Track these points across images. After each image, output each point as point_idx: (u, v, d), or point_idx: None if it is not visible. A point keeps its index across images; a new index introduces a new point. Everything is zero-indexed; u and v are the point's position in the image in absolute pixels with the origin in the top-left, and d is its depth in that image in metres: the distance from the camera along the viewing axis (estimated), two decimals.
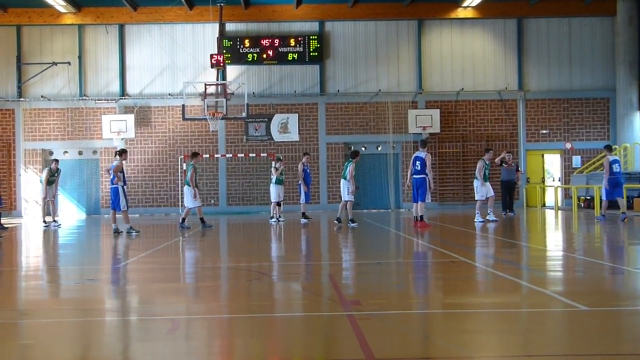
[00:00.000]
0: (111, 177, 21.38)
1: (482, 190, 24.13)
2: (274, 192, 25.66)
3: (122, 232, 20.86)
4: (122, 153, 21.70)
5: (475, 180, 24.41)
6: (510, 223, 23.70)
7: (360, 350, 6.42)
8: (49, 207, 26.28)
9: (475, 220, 23.52)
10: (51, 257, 16.47)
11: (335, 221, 23.08)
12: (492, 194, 24.28)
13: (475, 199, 24.32)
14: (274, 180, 25.68)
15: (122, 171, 21.42)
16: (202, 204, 24.20)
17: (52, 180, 26.13)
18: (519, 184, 29.20)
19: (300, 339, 7.25)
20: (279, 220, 25.30)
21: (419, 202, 21.45)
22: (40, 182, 26.65)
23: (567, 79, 34.85)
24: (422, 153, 21.60)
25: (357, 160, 23.13)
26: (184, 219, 23.29)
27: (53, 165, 26.33)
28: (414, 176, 21.62)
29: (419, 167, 21.44)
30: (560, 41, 34.92)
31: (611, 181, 23.24)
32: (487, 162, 24.48)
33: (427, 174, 21.37)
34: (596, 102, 34.81)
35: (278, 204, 25.74)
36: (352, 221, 22.55)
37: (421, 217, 21.33)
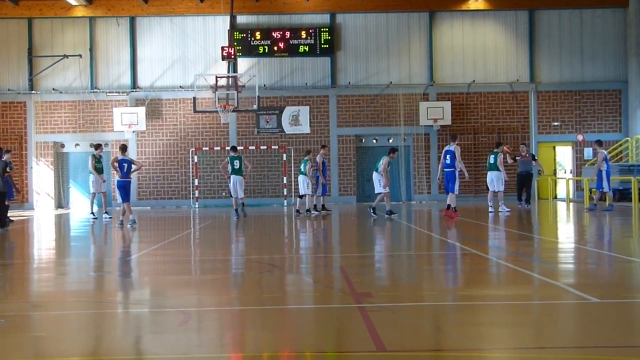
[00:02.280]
0: (126, 170, 21.16)
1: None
2: (303, 183, 25.53)
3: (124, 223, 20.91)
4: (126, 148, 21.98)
5: (499, 173, 25.03)
6: (522, 215, 23.67)
7: (372, 342, 6.43)
8: (100, 199, 25.58)
9: (500, 210, 24.14)
10: (59, 249, 16.52)
11: (369, 209, 23.19)
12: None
13: (500, 189, 25.07)
14: (303, 171, 25.58)
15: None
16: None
17: (99, 167, 25.16)
18: (542, 171, 29.60)
19: (311, 331, 7.26)
20: (299, 213, 25.15)
21: (449, 193, 22.11)
22: (90, 172, 25.29)
23: (579, 70, 34.71)
24: (452, 146, 22.27)
25: (393, 156, 23.23)
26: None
27: (97, 152, 25.49)
28: (445, 170, 22.29)
29: (449, 160, 22.09)
30: (572, 33, 34.77)
31: (607, 174, 24.34)
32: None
33: (456, 167, 21.99)
34: (608, 94, 34.65)
35: (300, 196, 25.68)
36: (391, 212, 22.77)
37: (453, 208, 21.97)
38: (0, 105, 34.23)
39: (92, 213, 25.11)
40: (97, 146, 25.89)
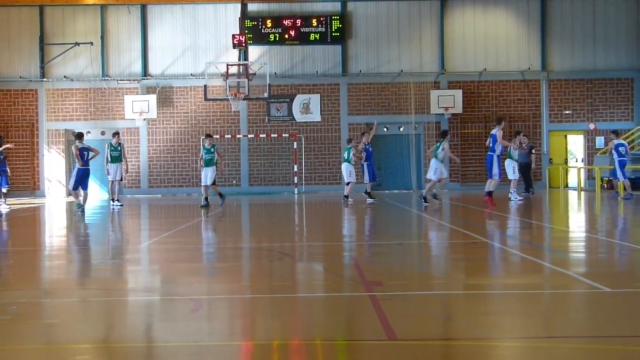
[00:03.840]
0: (86, 158, 21.45)
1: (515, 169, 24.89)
2: (346, 171, 25.44)
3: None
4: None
5: (509, 160, 24.94)
6: (533, 204, 23.62)
7: (382, 331, 6.43)
8: (115, 187, 25.23)
9: (511, 198, 23.89)
10: (69, 237, 16.57)
11: (421, 199, 22.83)
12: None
13: (510, 178, 24.80)
14: (347, 159, 25.47)
15: None
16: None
17: (115, 156, 24.89)
18: (533, 166, 29.05)
19: (321, 319, 7.27)
20: (346, 199, 24.99)
21: (490, 178, 21.86)
22: (109, 161, 25.06)
23: (591, 59, 34.52)
24: (494, 130, 21.89)
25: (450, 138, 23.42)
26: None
27: (114, 140, 25.17)
28: (488, 153, 22.16)
29: (490, 144, 21.94)
30: (584, 20, 34.55)
31: (621, 163, 24.36)
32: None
33: (494, 151, 21.63)
34: (620, 83, 34.45)
35: (347, 183, 25.55)
36: (434, 197, 22.99)
37: (490, 192, 21.63)
38: (12, 93, 34.28)
39: (117, 200, 24.87)
40: (114, 134, 25.79)
